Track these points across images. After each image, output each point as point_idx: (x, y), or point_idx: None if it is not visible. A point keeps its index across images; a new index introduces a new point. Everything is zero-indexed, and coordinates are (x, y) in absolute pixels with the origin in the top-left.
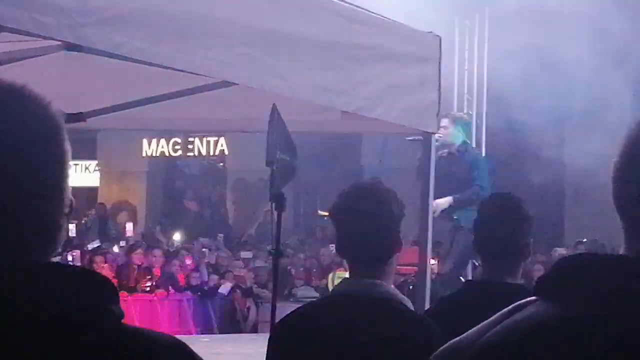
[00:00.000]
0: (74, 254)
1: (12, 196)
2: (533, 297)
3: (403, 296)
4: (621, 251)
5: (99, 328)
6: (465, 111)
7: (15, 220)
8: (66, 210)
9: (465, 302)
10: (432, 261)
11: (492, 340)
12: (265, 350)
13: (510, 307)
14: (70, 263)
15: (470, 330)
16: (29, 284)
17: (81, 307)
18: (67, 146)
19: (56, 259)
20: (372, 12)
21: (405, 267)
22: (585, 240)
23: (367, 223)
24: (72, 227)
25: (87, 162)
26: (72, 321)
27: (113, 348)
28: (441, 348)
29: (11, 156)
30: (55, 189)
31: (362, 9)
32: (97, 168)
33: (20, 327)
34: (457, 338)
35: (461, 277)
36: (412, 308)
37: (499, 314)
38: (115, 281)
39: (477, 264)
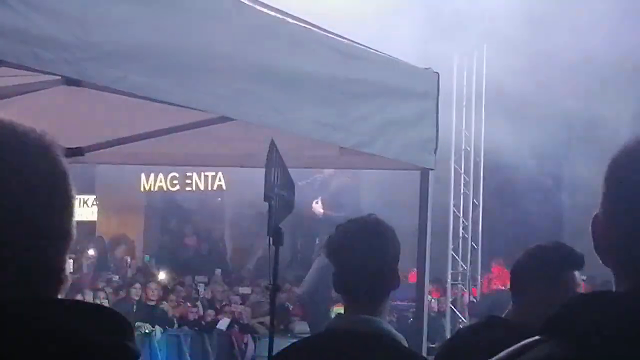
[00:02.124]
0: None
1: (21, 239)
2: (538, 337)
3: (397, 332)
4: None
5: None
6: (463, 146)
7: (24, 263)
8: (68, 256)
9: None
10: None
11: None
12: None
13: (517, 346)
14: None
15: None
16: (47, 319)
17: (102, 344)
18: (74, 192)
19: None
20: (371, 48)
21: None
22: (584, 277)
23: (364, 260)
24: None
25: (85, 197)
26: (92, 357)
27: None
28: None
29: (21, 200)
30: (62, 233)
31: (361, 44)
32: (95, 202)
33: None
34: None
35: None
36: (406, 344)
37: (505, 353)
38: None
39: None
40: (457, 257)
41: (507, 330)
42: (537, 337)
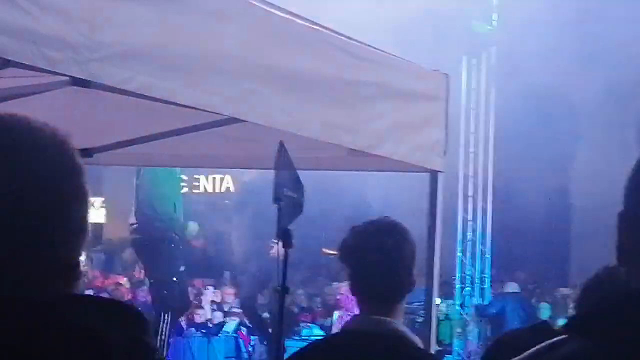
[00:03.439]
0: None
1: (40, 234)
2: (564, 336)
3: (412, 334)
4: None
5: (136, 357)
6: (471, 149)
7: (43, 259)
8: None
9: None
10: None
11: None
12: None
13: (545, 344)
14: None
15: None
16: (63, 314)
17: (117, 338)
18: (88, 188)
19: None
20: (380, 50)
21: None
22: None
23: (379, 261)
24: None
25: (93, 199)
26: (112, 351)
27: None
28: None
29: (40, 196)
30: (79, 228)
31: (370, 46)
32: (102, 204)
33: (59, 357)
34: None
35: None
36: (421, 346)
37: (534, 350)
38: None
39: None
40: (465, 261)
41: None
42: (563, 337)
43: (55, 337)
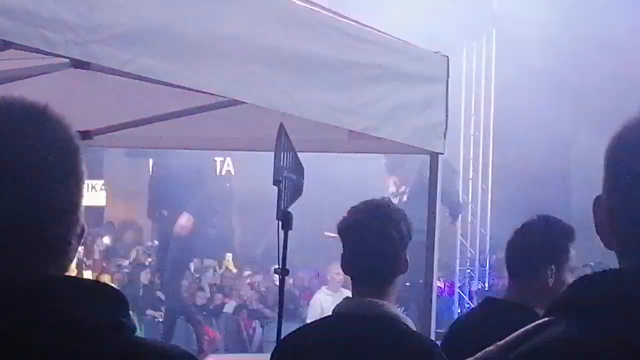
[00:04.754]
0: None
1: (31, 213)
2: (549, 318)
3: (405, 316)
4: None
5: (116, 340)
6: (472, 132)
7: (33, 237)
8: (79, 230)
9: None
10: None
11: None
12: None
13: (530, 327)
14: None
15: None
16: (47, 296)
17: (98, 320)
18: (84, 167)
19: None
20: (380, 32)
21: None
22: (592, 263)
23: (374, 241)
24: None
25: (94, 182)
26: (89, 333)
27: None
28: None
29: (32, 174)
30: (72, 207)
31: (371, 28)
32: (103, 187)
33: (39, 338)
34: (472, 358)
35: None
36: (413, 328)
37: (519, 333)
38: None
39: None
40: (465, 243)
41: (507, 310)
42: (549, 318)
43: (34, 319)
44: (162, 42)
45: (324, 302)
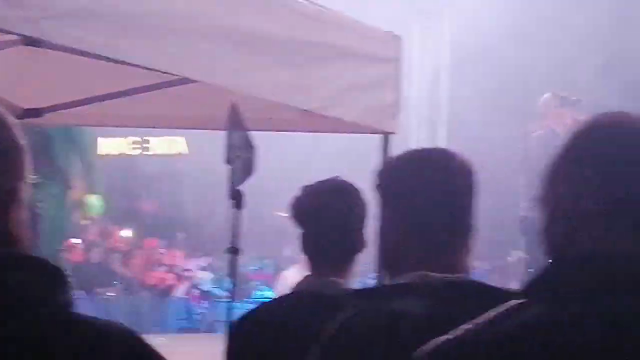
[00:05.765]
0: None
1: None
2: (520, 300)
3: None
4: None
5: (52, 315)
6: (426, 113)
7: None
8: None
9: None
10: None
11: (501, 340)
12: (222, 349)
13: (501, 309)
14: None
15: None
16: None
17: (25, 295)
18: (23, 145)
19: None
20: (332, 10)
21: None
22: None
23: (328, 221)
24: None
25: None
26: (25, 308)
27: (58, 335)
28: (428, 346)
29: None
30: (15, 186)
31: (323, 7)
32: None
33: None
34: (444, 337)
35: None
36: None
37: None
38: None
39: None
40: None
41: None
42: (520, 301)
43: None
44: (112, 19)
45: (293, 278)
